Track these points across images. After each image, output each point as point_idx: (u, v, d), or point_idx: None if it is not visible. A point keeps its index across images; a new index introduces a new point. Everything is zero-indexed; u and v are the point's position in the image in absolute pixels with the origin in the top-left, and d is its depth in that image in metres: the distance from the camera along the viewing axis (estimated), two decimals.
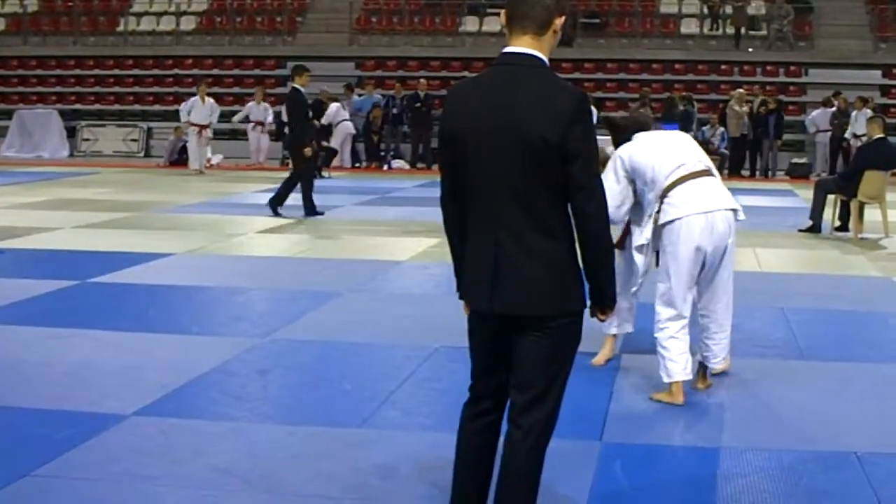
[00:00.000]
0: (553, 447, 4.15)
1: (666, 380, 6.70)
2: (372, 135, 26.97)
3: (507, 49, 3.96)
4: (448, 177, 4.07)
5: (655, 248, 6.94)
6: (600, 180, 3.98)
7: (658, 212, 6.74)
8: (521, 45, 3.93)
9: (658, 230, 6.75)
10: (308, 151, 15.82)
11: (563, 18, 3.96)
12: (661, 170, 6.74)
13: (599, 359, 7.53)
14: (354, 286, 10.07)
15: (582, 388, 7.01)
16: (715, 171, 6.98)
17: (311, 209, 15.92)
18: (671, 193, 6.68)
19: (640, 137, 7.06)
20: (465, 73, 29.87)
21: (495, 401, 4.19)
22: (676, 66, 29.54)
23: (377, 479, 5.30)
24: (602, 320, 4.22)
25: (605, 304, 4.11)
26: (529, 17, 3.91)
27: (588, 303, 4.07)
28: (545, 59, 3.95)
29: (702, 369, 7.04)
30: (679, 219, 6.62)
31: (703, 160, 6.92)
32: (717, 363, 7.04)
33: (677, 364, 6.64)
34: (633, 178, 6.93)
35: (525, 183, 3.87)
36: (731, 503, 5.16)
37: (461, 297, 4.16)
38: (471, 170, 3.94)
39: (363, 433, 6.01)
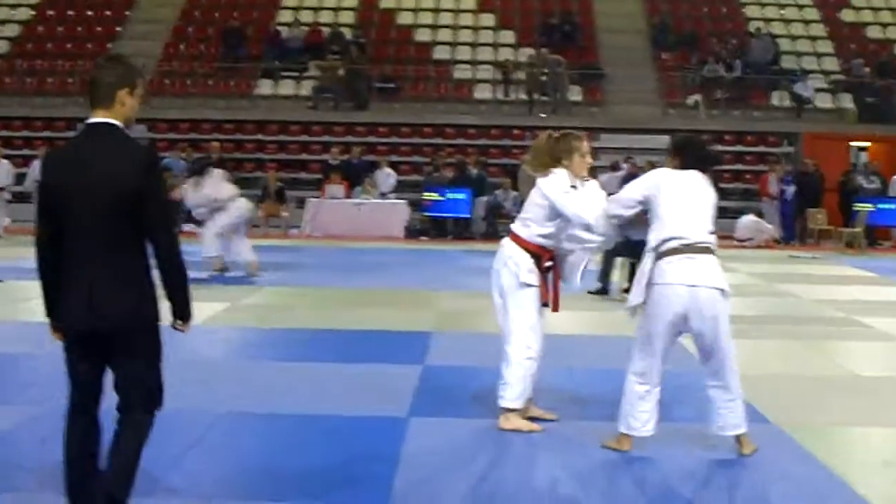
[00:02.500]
0: None
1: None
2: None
3: (89, 120, 5.03)
4: (48, 224, 5.00)
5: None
6: (170, 218, 5.24)
7: (650, 269, 6.73)
8: (98, 117, 5.02)
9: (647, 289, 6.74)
10: None
11: (128, 89, 5.02)
12: (669, 225, 6.73)
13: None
14: None
15: None
16: (714, 248, 6.80)
17: None
18: (667, 258, 6.67)
19: (687, 175, 6.95)
20: (260, 136, 29.89)
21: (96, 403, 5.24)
22: (470, 130, 30.06)
23: None
24: (183, 331, 5.29)
25: (187, 316, 5.24)
26: (97, 97, 5.03)
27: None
28: (119, 123, 5.02)
29: (737, 439, 6.99)
30: (666, 285, 6.64)
31: (710, 236, 6.80)
32: (738, 429, 6.96)
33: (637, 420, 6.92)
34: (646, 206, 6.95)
35: (111, 225, 4.89)
36: None
37: (59, 323, 5.06)
38: (68, 217, 4.91)
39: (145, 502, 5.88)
